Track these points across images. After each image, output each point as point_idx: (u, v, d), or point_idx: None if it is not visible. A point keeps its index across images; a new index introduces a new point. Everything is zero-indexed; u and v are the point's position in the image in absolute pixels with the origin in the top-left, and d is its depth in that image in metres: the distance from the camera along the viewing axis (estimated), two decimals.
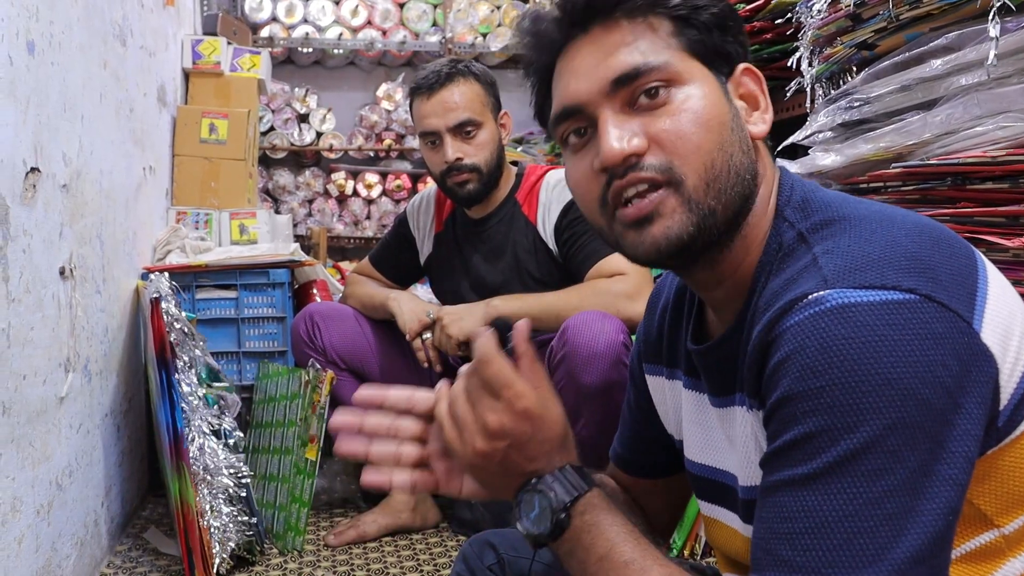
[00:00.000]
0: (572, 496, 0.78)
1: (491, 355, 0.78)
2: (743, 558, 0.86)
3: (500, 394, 0.78)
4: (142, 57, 2.61)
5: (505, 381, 0.78)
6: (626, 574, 0.73)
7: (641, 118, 0.77)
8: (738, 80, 0.82)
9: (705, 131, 0.76)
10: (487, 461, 0.79)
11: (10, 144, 1.49)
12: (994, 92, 1.14)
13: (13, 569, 1.48)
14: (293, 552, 2.11)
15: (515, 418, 0.78)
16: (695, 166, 0.76)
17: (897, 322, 0.64)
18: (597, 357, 1.78)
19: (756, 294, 0.78)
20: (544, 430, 0.79)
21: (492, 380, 0.78)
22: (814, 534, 0.63)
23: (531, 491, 0.79)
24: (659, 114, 0.77)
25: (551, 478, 0.79)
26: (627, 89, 0.78)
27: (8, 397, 1.46)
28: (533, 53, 0.85)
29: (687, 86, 0.78)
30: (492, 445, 0.78)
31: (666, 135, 0.76)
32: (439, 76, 2.07)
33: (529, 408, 0.78)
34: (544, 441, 0.79)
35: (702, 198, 0.76)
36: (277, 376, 2.40)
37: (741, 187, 0.78)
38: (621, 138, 0.76)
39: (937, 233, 0.72)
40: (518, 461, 0.79)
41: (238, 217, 3.05)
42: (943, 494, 0.63)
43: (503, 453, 0.79)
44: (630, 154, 0.76)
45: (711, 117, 0.77)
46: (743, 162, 0.78)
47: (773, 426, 0.69)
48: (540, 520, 0.78)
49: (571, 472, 0.80)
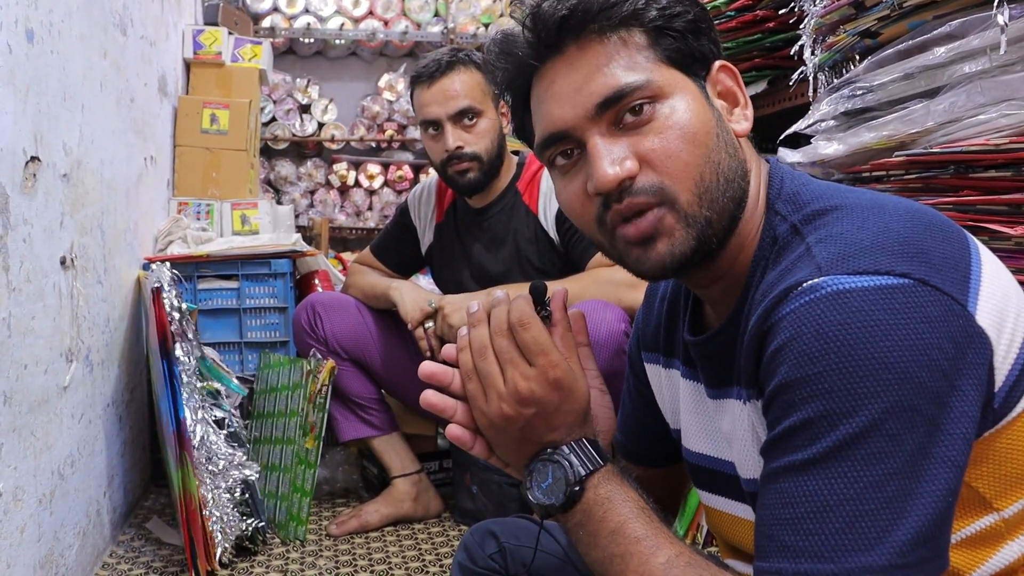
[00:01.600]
0: (588, 469, 0.78)
1: (530, 319, 0.78)
2: (747, 546, 0.86)
3: (534, 360, 0.78)
4: (143, 47, 2.60)
5: (542, 348, 0.78)
6: (637, 550, 0.73)
7: (628, 138, 0.77)
8: (715, 79, 0.82)
9: (692, 145, 0.77)
10: (509, 425, 0.79)
11: (10, 133, 1.48)
12: (998, 80, 1.13)
13: (16, 558, 1.48)
14: (295, 542, 2.12)
15: (546, 387, 0.78)
16: (686, 183, 0.76)
17: (892, 306, 0.64)
18: (598, 346, 1.78)
19: (752, 288, 0.78)
20: (571, 402, 0.79)
21: (529, 345, 0.78)
22: (816, 518, 0.64)
23: (546, 460, 0.80)
24: (645, 132, 0.77)
25: (568, 449, 0.79)
26: (612, 111, 0.78)
27: (9, 386, 1.46)
28: (508, 75, 0.85)
29: (670, 99, 0.78)
30: (519, 411, 0.78)
31: (655, 155, 0.76)
32: (440, 64, 2.07)
33: (561, 378, 0.78)
34: (568, 412, 0.80)
35: (696, 211, 0.76)
36: (279, 366, 2.40)
37: (732, 191, 0.78)
38: (613, 163, 0.76)
39: (929, 218, 0.72)
40: (539, 429, 0.80)
41: (240, 208, 3.05)
42: (942, 475, 0.63)
43: (527, 420, 0.79)
44: (624, 178, 0.76)
45: (697, 129, 0.77)
46: (731, 166, 0.79)
47: (772, 414, 0.69)
48: (553, 490, 0.79)
49: (588, 445, 0.80)
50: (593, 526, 0.77)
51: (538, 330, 0.78)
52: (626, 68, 0.77)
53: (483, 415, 0.81)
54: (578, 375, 0.81)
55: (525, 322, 0.78)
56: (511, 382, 0.78)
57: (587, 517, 0.77)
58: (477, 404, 0.81)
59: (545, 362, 0.78)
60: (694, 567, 0.71)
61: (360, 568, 1.96)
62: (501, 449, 0.83)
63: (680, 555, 0.72)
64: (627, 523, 0.75)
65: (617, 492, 0.77)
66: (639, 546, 0.73)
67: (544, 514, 0.80)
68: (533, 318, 0.78)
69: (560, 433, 0.80)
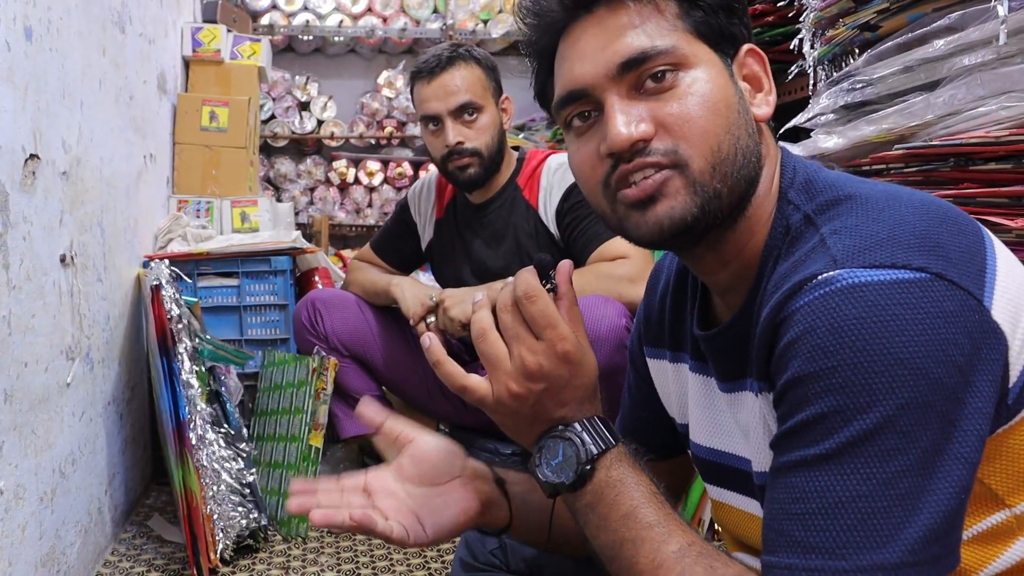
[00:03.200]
0: (600, 448, 0.77)
1: (537, 291, 0.77)
2: (756, 541, 0.86)
3: (542, 334, 0.76)
4: (141, 44, 2.60)
5: (550, 320, 0.76)
6: (649, 536, 0.73)
7: (648, 102, 0.76)
8: (742, 61, 0.81)
9: (712, 114, 0.75)
10: (519, 403, 0.78)
11: (9, 130, 1.48)
12: (997, 72, 1.13)
13: (17, 556, 1.48)
14: (297, 539, 2.12)
15: (555, 361, 0.76)
16: (701, 149, 0.75)
17: (908, 301, 0.63)
18: (599, 341, 1.78)
19: (765, 278, 0.77)
20: (580, 376, 0.78)
21: (536, 318, 0.76)
22: (827, 514, 0.63)
23: (557, 437, 0.78)
24: (666, 98, 0.76)
25: (579, 427, 0.78)
26: (634, 73, 0.76)
27: (10, 385, 1.46)
28: (535, 34, 0.83)
29: (694, 69, 0.77)
30: (527, 387, 0.77)
31: (672, 119, 0.75)
32: (440, 60, 2.07)
33: (570, 352, 0.77)
34: (578, 388, 0.79)
35: (708, 180, 0.75)
36: (283, 364, 2.40)
37: (747, 169, 0.77)
38: (628, 123, 0.75)
39: (944, 211, 0.71)
40: (549, 406, 0.78)
41: (239, 205, 3.05)
42: (955, 472, 0.62)
43: (536, 396, 0.78)
44: (638, 139, 0.75)
45: (718, 100, 0.76)
46: (748, 144, 0.77)
47: (784, 407, 0.68)
48: (563, 468, 0.77)
49: (599, 424, 0.79)
50: (604, 508, 0.76)
51: (545, 302, 0.76)
52: (654, 33, 0.76)
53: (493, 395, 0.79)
54: (587, 349, 0.79)
55: (531, 295, 0.76)
56: (518, 358, 0.77)
57: (598, 499, 0.76)
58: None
59: (553, 335, 0.76)
60: (705, 556, 0.70)
61: (361, 565, 1.96)
62: (511, 429, 0.82)
63: (692, 544, 0.71)
64: (639, 508, 0.74)
65: (629, 475, 0.76)
66: (651, 532, 0.73)
67: (552, 492, 0.79)
68: (539, 290, 0.76)
69: (570, 409, 0.79)
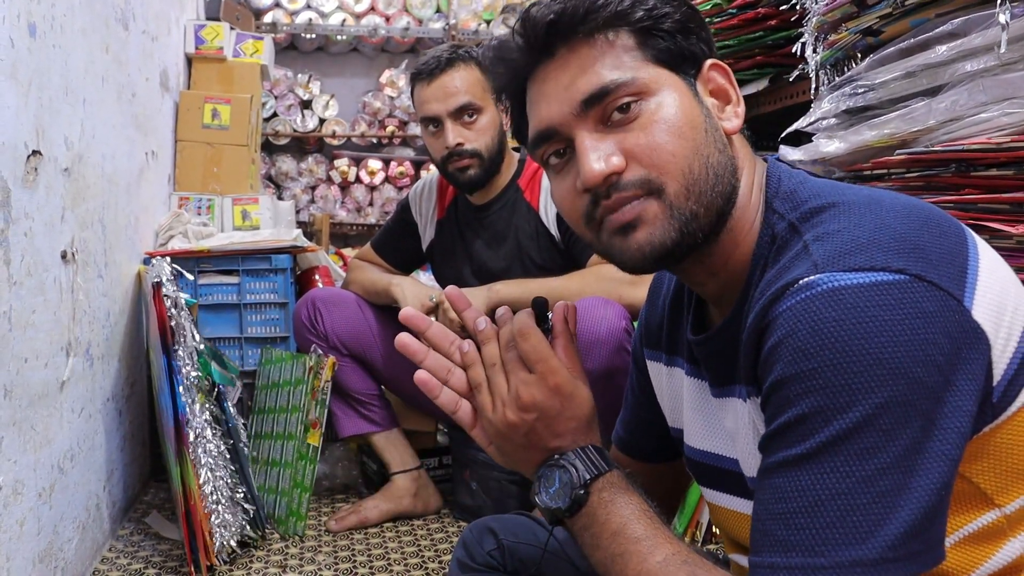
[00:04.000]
0: (593, 474, 0.80)
1: (529, 329, 0.82)
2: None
3: (534, 368, 0.81)
4: (144, 41, 2.60)
5: (540, 356, 0.81)
6: (637, 549, 0.75)
7: (616, 135, 0.79)
8: (707, 77, 0.83)
9: (679, 138, 0.78)
10: (514, 432, 0.83)
11: (12, 127, 1.48)
12: (999, 78, 1.13)
13: (15, 551, 1.48)
14: (294, 537, 2.12)
15: (546, 393, 0.81)
16: (674, 174, 0.77)
17: (887, 302, 0.64)
18: (599, 343, 1.78)
19: (753, 286, 0.79)
20: (572, 408, 0.82)
21: (528, 353, 0.82)
22: (808, 513, 0.64)
23: (553, 466, 0.82)
24: (632, 128, 0.78)
25: (573, 455, 0.82)
26: (598, 108, 0.79)
27: (10, 380, 1.46)
28: (503, 80, 0.87)
29: (656, 96, 0.79)
30: (522, 417, 0.81)
31: (641, 149, 0.78)
32: (439, 61, 2.07)
33: (560, 384, 0.81)
34: (571, 419, 0.83)
35: (683, 204, 0.77)
36: (280, 362, 2.40)
37: (721, 186, 0.79)
38: (599, 159, 0.78)
39: (926, 213, 0.72)
40: (544, 436, 0.83)
41: (240, 203, 3.05)
42: (935, 470, 0.63)
43: (530, 426, 0.82)
44: (610, 173, 0.78)
45: (683, 123, 0.78)
46: (720, 161, 0.79)
47: (769, 410, 0.70)
48: (559, 495, 0.81)
49: (593, 452, 0.82)
50: (597, 528, 0.78)
51: (537, 339, 0.82)
52: (612, 67, 0.79)
53: (491, 424, 0.84)
54: (579, 383, 0.84)
55: (524, 332, 0.82)
56: (514, 389, 0.82)
57: (591, 520, 0.79)
58: (486, 414, 0.84)
59: (544, 368, 0.81)
60: (689, 564, 0.72)
61: (359, 564, 1.96)
62: (510, 458, 0.86)
63: (676, 554, 0.73)
64: (628, 524, 0.77)
65: (620, 495, 0.79)
66: (638, 546, 0.75)
67: (552, 519, 0.83)
68: (532, 328, 0.82)
69: (566, 440, 0.83)
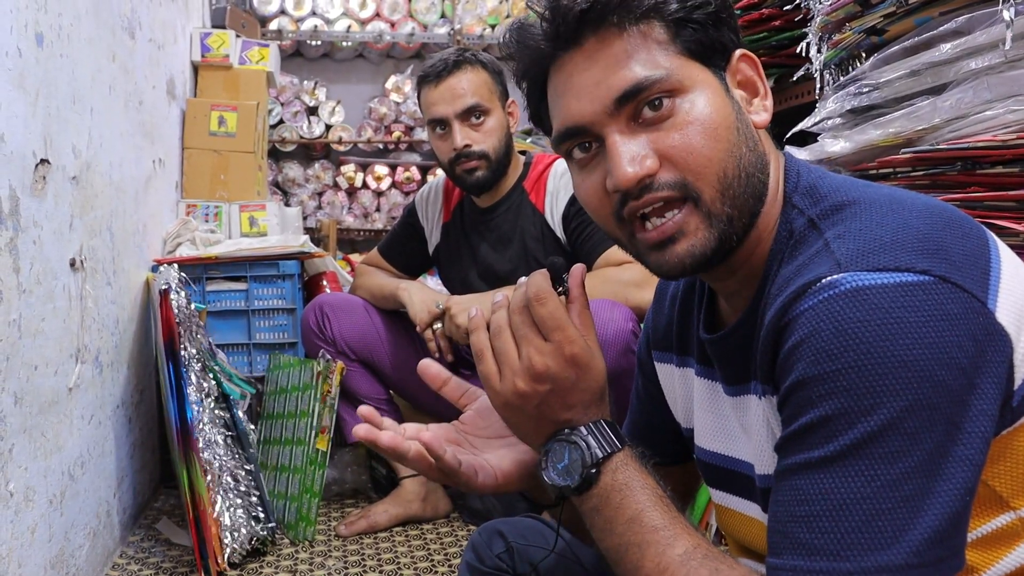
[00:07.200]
0: (606, 452, 0.77)
1: (547, 294, 0.77)
2: (759, 545, 0.86)
3: (550, 336, 0.77)
4: (151, 50, 2.62)
5: (558, 323, 0.77)
6: (655, 539, 0.72)
7: (648, 133, 0.76)
8: (735, 68, 0.81)
9: (713, 141, 0.75)
10: (524, 402, 0.78)
11: (20, 136, 1.49)
12: (1004, 76, 1.13)
13: (27, 558, 1.49)
14: (304, 542, 2.12)
15: (562, 363, 0.77)
16: (709, 179, 0.75)
17: (912, 304, 0.63)
18: (606, 345, 1.78)
19: (769, 282, 0.78)
20: (587, 380, 0.78)
21: (545, 320, 0.77)
22: (832, 516, 0.63)
23: (563, 440, 0.79)
24: (666, 127, 0.76)
25: (586, 430, 0.78)
26: (631, 105, 0.76)
27: (20, 387, 1.47)
28: (523, 64, 0.83)
29: (690, 93, 0.77)
30: (534, 387, 0.77)
31: (676, 151, 0.75)
32: (446, 64, 2.07)
33: (577, 354, 0.77)
34: (585, 391, 0.79)
35: (719, 209, 0.76)
36: (289, 367, 2.40)
37: (753, 186, 0.78)
38: (633, 161, 0.75)
39: (948, 214, 0.71)
40: (555, 408, 0.79)
41: (248, 210, 3.05)
42: (960, 474, 0.63)
43: (542, 397, 0.78)
44: (644, 176, 0.75)
45: (718, 124, 0.76)
46: (751, 160, 0.78)
47: (788, 410, 0.68)
48: (569, 472, 0.78)
49: (606, 427, 0.79)
50: (610, 512, 0.76)
51: (555, 305, 0.77)
52: (645, 62, 0.76)
53: (497, 394, 0.80)
54: (595, 352, 0.79)
55: (541, 296, 0.77)
56: (526, 358, 0.77)
57: (604, 502, 0.76)
58: (491, 383, 0.80)
59: (561, 337, 0.76)
60: (711, 559, 0.70)
61: (369, 568, 1.96)
62: (517, 429, 0.82)
63: (697, 547, 0.71)
64: (645, 511, 0.74)
65: (635, 478, 0.76)
66: (656, 535, 0.72)
67: (558, 496, 0.79)
68: (550, 293, 0.77)
69: (576, 412, 0.79)
